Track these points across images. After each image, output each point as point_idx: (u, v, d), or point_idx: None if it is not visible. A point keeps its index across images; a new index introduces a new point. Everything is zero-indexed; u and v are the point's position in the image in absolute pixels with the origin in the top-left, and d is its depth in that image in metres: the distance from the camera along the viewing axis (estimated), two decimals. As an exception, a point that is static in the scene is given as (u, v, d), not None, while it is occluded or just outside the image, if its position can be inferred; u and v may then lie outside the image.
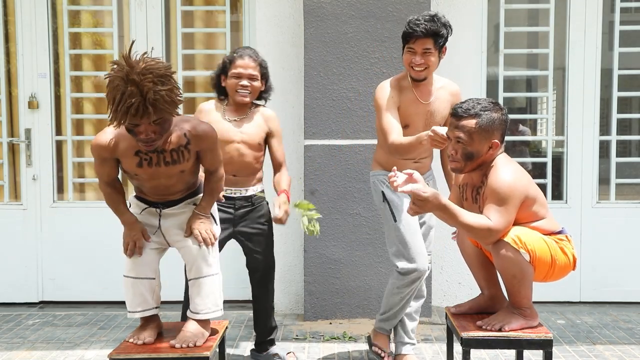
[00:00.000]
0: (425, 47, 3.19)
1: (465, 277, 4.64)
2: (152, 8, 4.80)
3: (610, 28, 4.88)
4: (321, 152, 4.43)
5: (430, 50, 3.20)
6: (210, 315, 2.76)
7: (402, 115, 3.31)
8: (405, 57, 3.27)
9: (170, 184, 2.71)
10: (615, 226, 4.82)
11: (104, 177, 2.72)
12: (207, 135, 2.69)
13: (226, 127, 3.38)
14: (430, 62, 3.23)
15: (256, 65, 3.41)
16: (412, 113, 3.32)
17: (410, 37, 3.20)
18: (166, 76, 2.43)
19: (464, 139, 2.79)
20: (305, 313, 4.50)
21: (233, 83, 3.39)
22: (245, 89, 3.38)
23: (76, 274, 4.86)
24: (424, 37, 3.17)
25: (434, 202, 2.66)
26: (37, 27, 4.80)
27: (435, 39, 3.19)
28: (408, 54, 3.25)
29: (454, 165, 2.87)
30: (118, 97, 2.38)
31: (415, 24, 3.19)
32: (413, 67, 3.24)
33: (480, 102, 2.83)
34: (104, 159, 2.65)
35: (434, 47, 3.20)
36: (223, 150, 3.24)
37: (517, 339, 2.76)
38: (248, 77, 3.38)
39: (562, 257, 2.80)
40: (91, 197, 4.99)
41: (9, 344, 4.05)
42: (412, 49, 3.22)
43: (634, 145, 5.42)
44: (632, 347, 3.95)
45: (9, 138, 4.88)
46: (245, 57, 3.40)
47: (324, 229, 4.44)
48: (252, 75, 3.39)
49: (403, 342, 3.52)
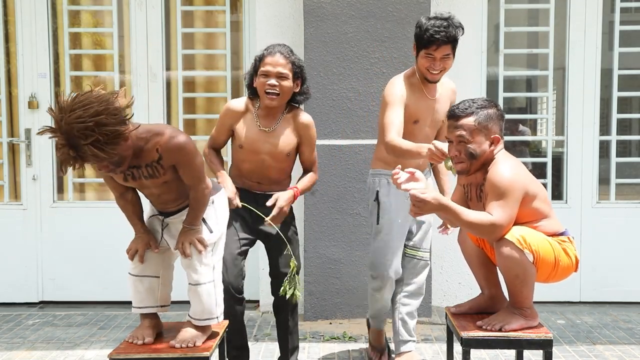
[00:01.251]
0: (445, 53, 3.21)
1: (465, 277, 4.64)
2: (152, 8, 4.80)
3: (610, 28, 4.88)
4: (321, 152, 4.42)
5: (449, 56, 3.24)
6: (202, 323, 2.74)
7: (412, 111, 3.31)
8: (422, 62, 3.25)
9: (160, 193, 2.69)
10: (615, 226, 4.82)
11: (113, 191, 2.76)
12: (181, 150, 2.53)
13: (255, 138, 3.17)
14: (447, 65, 3.26)
15: (287, 62, 3.12)
16: (420, 109, 3.34)
17: (430, 45, 3.18)
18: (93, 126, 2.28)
19: (465, 137, 2.81)
20: (305, 313, 4.50)
21: (261, 82, 3.12)
22: (274, 88, 3.10)
23: (76, 274, 4.86)
24: (444, 44, 3.18)
25: (434, 203, 2.67)
26: (37, 27, 4.80)
27: (454, 44, 3.22)
28: (426, 60, 3.23)
29: (460, 167, 2.87)
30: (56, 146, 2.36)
31: (435, 31, 3.15)
32: (430, 71, 3.25)
33: (475, 101, 2.88)
34: (105, 176, 2.69)
35: (452, 52, 3.24)
36: (249, 159, 3.19)
37: (517, 339, 2.76)
38: (276, 75, 3.09)
39: (565, 259, 2.80)
40: (91, 197, 5.00)
41: (9, 344, 4.05)
42: (432, 55, 3.21)
43: (634, 145, 5.42)
44: (632, 347, 3.95)
45: (9, 138, 4.88)
46: (276, 54, 3.12)
47: (324, 229, 4.45)
48: (281, 73, 3.10)
49: (404, 340, 3.52)
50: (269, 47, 3.21)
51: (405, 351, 3.51)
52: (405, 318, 3.51)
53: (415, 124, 3.33)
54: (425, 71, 3.27)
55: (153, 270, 2.76)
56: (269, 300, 4.68)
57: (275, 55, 3.12)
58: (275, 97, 3.12)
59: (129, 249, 2.74)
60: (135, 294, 2.77)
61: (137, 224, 2.76)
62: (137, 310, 2.78)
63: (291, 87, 3.15)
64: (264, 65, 3.12)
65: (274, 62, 3.11)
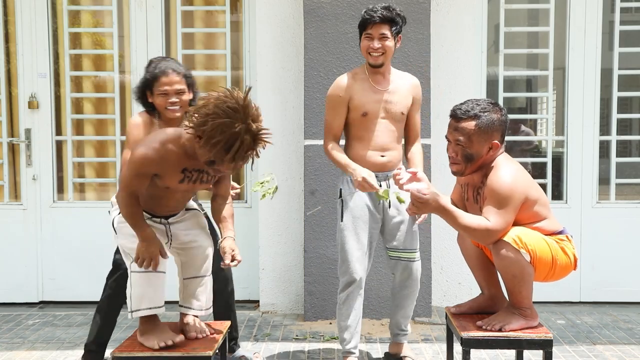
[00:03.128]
0: (382, 32, 3.35)
1: (465, 277, 4.64)
2: (152, 8, 4.80)
3: (610, 28, 4.88)
4: (321, 152, 4.42)
5: (387, 36, 3.36)
6: (208, 312, 2.86)
7: (357, 103, 3.42)
8: (363, 44, 3.40)
9: (187, 199, 2.81)
10: (615, 226, 4.81)
11: (135, 189, 2.60)
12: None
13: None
14: (387, 47, 3.37)
15: (181, 78, 3.25)
16: (368, 101, 3.42)
17: (367, 23, 3.36)
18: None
19: (463, 141, 2.79)
20: (305, 313, 4.49)
21: (162, 102, 3.23)
22: (175, 105, 3.23)
23: (76, 274, 4.86)
24: (380, 22, 3.34)
25: (433, 204, 2.68)
26: (37, 27, 4.80)
27: (391, 25, 3.36)
28: (365, 40, 3.39)
29: (455, 169, 2.87)
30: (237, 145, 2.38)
31: (372, 11, 3.35)
32: (370, 52, 3.38)
33: (479, 103, 2.83)
34: (145, 173, 2.58)
35: (390, 33, 3.36)
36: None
37: (517, 339, 2.76)
38: (175, 93, 3.23)
39: (563, 257, 2.80)
40: (91, 197, 5.00)
41: (9, 344, 4.05)
42: (370, 35, 3.36)
43: (634, 145, 5.42)
44: (632, 347, 3.95)
45: (9, 138, 4.88)
46: (170, 73, 3.23)
47: (324, 229, 4.45)
48: (179, 90, 3.24)
49: (397, 333, 3.63)
50: (157, 64, 3.28)
51: (400, 342, 3.64)
52: (399, 318, 3.58)
53: (365, 117, 3.42)
54: (366, 54, 3.40)
55: (164, 267, 2.75)
56: (269, 300, 4.71)
57: (170, 74, 3.23)
58: (177, 109, 3.24)
59: (141, 260, 2.62)
60: (156, 291, 2.67)
61: (146, 226, 2.66)
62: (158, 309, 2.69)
63: (189, 98, 3.29)
64: (161, 86, 3.23)
65: (170, 82, 3.23)
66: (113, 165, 4.93)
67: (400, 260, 3.49)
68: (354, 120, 3.44)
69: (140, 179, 2.58)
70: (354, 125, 3.46)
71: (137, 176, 2.57)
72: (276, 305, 4.73)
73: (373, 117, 3.42)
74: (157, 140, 2.57)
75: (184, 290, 2.84)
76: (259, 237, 4.67)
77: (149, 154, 2.54)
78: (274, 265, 4.71)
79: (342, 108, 3.43)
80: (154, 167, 2.56)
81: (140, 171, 2.56)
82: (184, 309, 2.83)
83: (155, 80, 3.22)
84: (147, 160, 2.54)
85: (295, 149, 4.65)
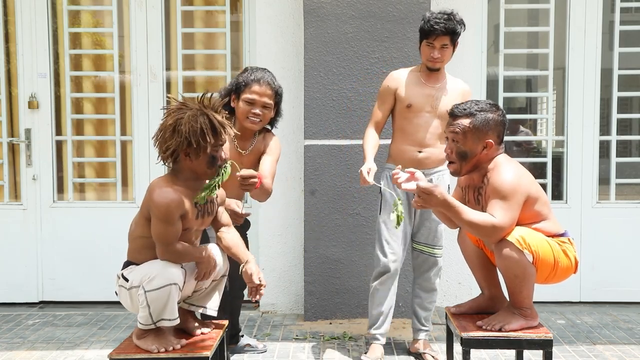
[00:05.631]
0: (444, 43, 3.47)
1: (465, 277, 4.64)
2: (152, 8, 4.80)
3: (610, 28, 4.88)
4: (321, 152, 4.43)
5: (447, 46, 3.49)
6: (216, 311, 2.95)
7: (403, 95, 3.56)
8: (424, 50, 3.52)
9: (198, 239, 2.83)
10: (615, 226, 4.81)
11: (174, 239, 2.64)
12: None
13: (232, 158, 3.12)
14: (446, 56, 3.52)
15: (272, 93, 3.21)
16: (414, 94, 3.55)
17: (430, 34, 3.45)
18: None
19: (457, 137, 2.83)
20: (305, 313, 4.50)
21: (245, 109, 3.18)
22: (257, 116, 3.18)
23: (76, 274, 4.86)
24: (442, 35, 3.44)
25: (439, 197, 2.69)
26: (37, 27, 4.80)
27: (452, 36, 3.48)
28: (427, 48, 3.50)
29: (452, 168, 2.92)
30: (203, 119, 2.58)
31: (435, 22, 3.43)
32: (430, 59, 3.51)
33: (478, 103, 2.88)
34: (176, 218, 2.61)
35: (450, 43, 3.49)
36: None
37: (517, 339, 2.76)
38: (262, 105, 3.18)
39: (564, 260, 2.80)
40: (91, 197, 4.99)
41: (9, 344, 4.05)
42: (432, 44, 3.48)
43: (634, 145, 5.42)
44: (632, 347, 3.95)
45: (9, 138, 4.88)
46: (263, 84, 3.18)
47: (324, 229, 4.45)
48: (266, 104, 3.20)
49: (416, 328, 3.78)
50: (255, 72, 3.25)
51: (417, 339, 3.78)
52: (416, 309, 3.74)
53: (409, 108, 3.54)
54: (426, 60, 3.53)
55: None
56: (269, 300, 4.72)
57: (263, 85, 3.19)
58: (257, 122, 3.20)
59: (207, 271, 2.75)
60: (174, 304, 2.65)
61: (198, 250, 2.75)
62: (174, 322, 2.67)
63: (271, 116, 3.27)
64: (251, 93, 3.17)
65: (262, 92, 3.18)
66: (113, 165, 4.92)
67: (422, 254, 3.69)
68: (399, 111, 3.58)
69: (174, 226, 2.62)
70: (398, 117, 3.60)
71: (170, 225, 2.61)
72: (276, 305, 4.73)
73: (417, 110, 3.54)
74: (163, 187, 2.62)
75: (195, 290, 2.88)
76: (259, 237, 4.67)
77: (168, 197, 2.59)
78: (274, 265, 4.71)
79: (389, 97, 3.60)
80: (179, 208, 2.60)
81: (170, 218, 2.59)
82: (195, 307, 2.86)
83: (247, 86, 3.18)
84: (172, 203, 2.58)
85: (295, 149, 4.66)
